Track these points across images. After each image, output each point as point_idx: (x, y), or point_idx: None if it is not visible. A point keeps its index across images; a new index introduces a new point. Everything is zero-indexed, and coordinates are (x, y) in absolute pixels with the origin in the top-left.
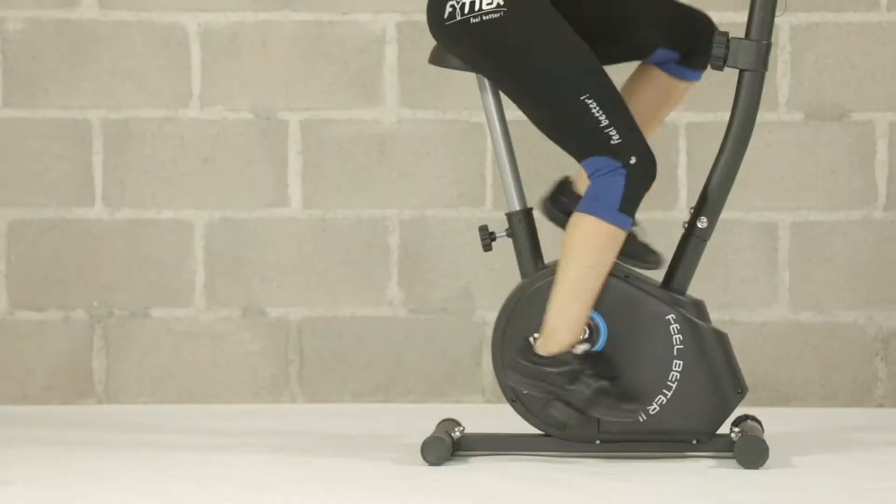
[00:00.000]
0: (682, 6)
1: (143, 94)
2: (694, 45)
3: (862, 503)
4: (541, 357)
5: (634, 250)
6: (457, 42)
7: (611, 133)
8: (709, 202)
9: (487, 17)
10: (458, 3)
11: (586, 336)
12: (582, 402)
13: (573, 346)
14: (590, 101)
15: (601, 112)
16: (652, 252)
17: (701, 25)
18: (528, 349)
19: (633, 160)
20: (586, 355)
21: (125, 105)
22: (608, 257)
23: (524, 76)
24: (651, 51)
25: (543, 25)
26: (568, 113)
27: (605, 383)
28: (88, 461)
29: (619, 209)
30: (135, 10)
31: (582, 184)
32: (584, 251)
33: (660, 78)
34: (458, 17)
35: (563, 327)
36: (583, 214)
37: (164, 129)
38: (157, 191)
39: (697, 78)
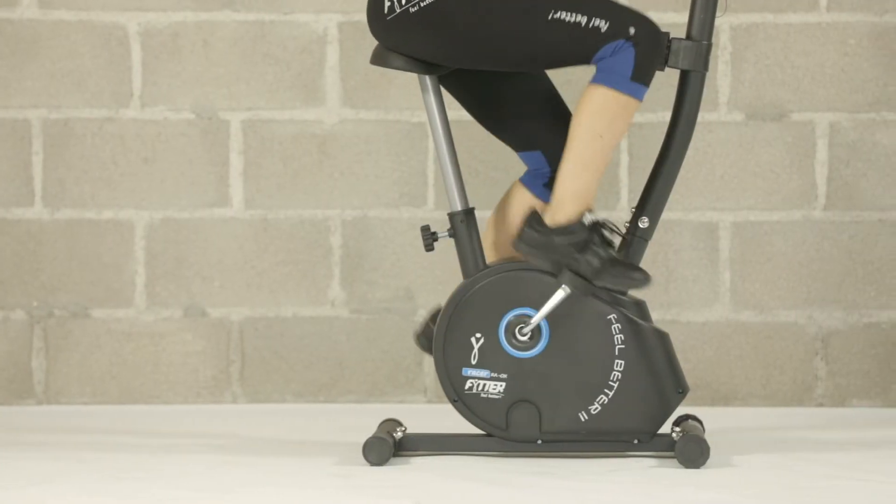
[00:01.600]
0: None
1: (84, 94)
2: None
3: (802, 502)
4: (549, 227)
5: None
6: (402, 36)
7: (596, 24)
8: (650, 202)
9: (425, 3)
10: None
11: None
12: (591, 271)
13: (582, 216)
14: (558, 14)
15: (574, 14)
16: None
17: None
18: (537, 219)
19: (631, 31)
20: (595, 225)
21: (65, 105)
22: (620, 127)
23: (487, 38)
24: (532, 147)
25: None
26: (548, 39)
27: (614, 252)
28: (28, 462)
29: (632, 78)
30: (75, 10)
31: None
32: (594, 121)
33: (526, 198)
34: (398, 10)
35: (572, 197)
36: (595, 85)
37: (105, 129)
38: (97, 191)
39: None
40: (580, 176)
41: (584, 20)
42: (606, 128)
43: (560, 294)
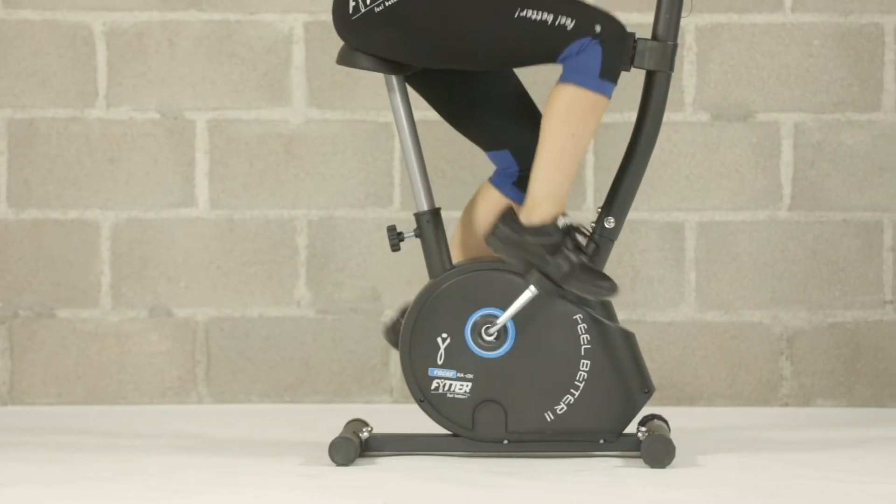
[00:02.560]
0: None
1: (49, 94)
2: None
3: (768, 501)
4: (523, 226)
5: None
6: (367, 36)
7: (562, 22)
8: (616, 202)
9: (390, 2)
10: None
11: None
12: (560, 275)
13: (556, 218)
14: (525, 12)
15: (540, 12)
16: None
17: None
18: (512, 217)
19: (597, 28)
20: (569, 228)
21: (30, 105)
22: (591, 126)
23: (453, 36)
24: (500, 146)
25: None
26: (514, 37)
27: (585, 259)
28: None
29: (600, 76)
30: (40, 10)
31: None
32: (566, 121)
33: (496, 197)
34: (363, 10)
35: (546, 198)
36: (564, 84)
37: (70, 128)
38: (62, 191)
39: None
40: (554, 176)
41: (550, 18)
42: (578, 127)
43: (527, 294)
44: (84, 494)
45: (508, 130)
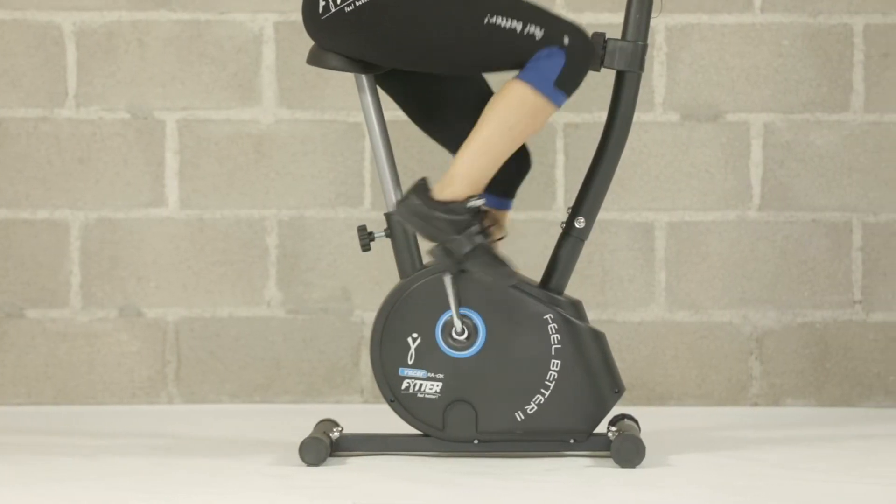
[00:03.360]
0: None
1: (18, 94)
2: (515, 172)
3: (738, 500)
4: (434, 200)
5: None
6: (337, 36)
7: (531, 31)
8: (586, 202)
9: (360, 2)
10: None
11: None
12: (461, 253)
13: (468, 199)
14: (494, 19)
15: (509, 20)
16: None
17: (525, 157)
18: (425, 189)
19: (566, 40)
20: (476, 210)
21: None
22: (531, 126)
23: (422, 39)
24: None
25: None
26: (483, 42)
27: (487, 241)
28: None
29: (555, 83)
30: (9, 10)
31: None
32: (508, 113)
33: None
34: (333, 10)
35: (464, 178)
36: (518, 81)
37: (40, 128)
38: (32, 191)
39: (506, 208)
40: (478, 160)
41: (519, 26)
42: (517, 122)
43: (448, 282)
44: (53, 495)
45: None
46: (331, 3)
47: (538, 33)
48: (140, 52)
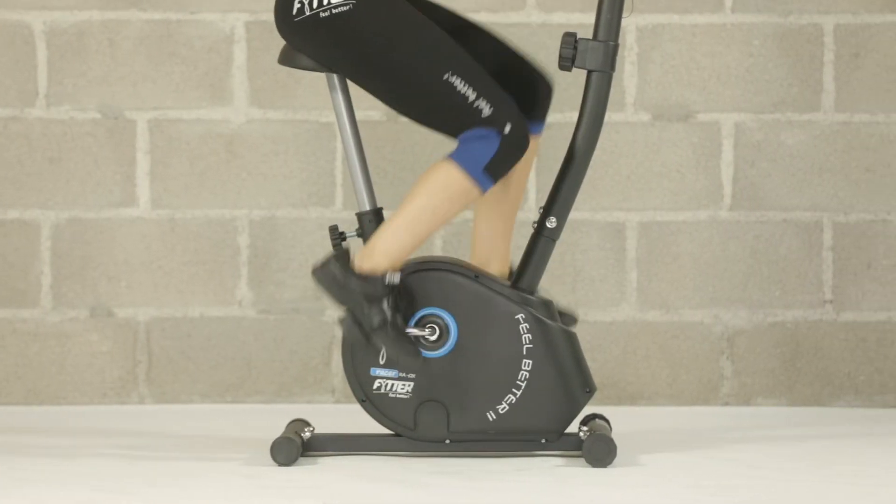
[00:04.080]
0: (525, 61)
1: None
2: (529, 96)
3: (709, 500)
4: (352, 270)
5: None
6: (307, 39)
7: (480, 105)
8: (558, 202)
9: (337, 11)
10: None
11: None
12: (370, 326)
13: (386, 274)
14: (453, 79)
15: (466, 86)
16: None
17: (538, 78)
18: (345, 257)
19: (507, 128)
20: (392, 286)
21: None
22: (455, 209)
23: (382, 66)
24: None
25: (394, 12)
26: (433, 95)
27: (399, 318)
28: None
29: (485, 168)
30: None
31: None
32: (434, 192)
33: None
34: (307, 13)
35: (384, 251)
36: (449, 161)
37: (10, 128)
38: (2, 191)
39: (538, 131)
40: (400, 237)
41: (472, 96)
42: (442, 204)
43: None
44: (23, 495)
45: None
46: (306, 6)
47: (486, 110)
48: (111, 52)
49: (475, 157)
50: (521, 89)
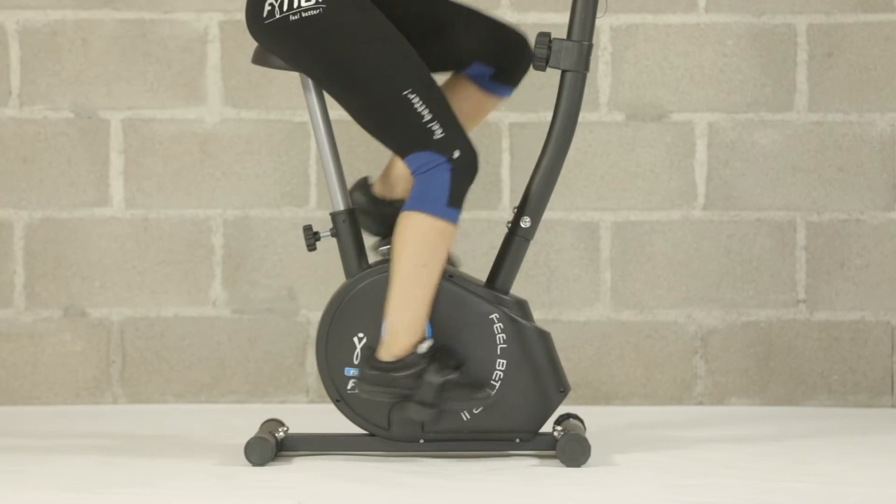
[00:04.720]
0: (501, 23)
1: None
2: (508, 63)
3: (683, 499)
4: (386, 363)
5: None
6: (276, 41)
7: (433, 128)
8: (532, 202)
9: (307, 14)
10: (276, 1)
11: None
12: (432, 397)
13: (416, 347)
14: (412, 96)
15: (424, 107)
16: None
17: (516, 43)
18: (372, 357)
19: (456, 154)
20: (431, 352)
21: None
22: (442, 253)
23: (345, 73)
24: (467, 64)
25: (363, 21)
26: (390, 108)
27: (451, 375)
28: None
29: (448, 204)
30: None
31: (380, 185)
32: (415, 249)
33: (472, 91)
34: (278, 16)
35: (403, 330)
36: (411, 213)
37: None
38: None
39: (508, 94)
40: (409, 308)
41: (427, 117)
42: (430, 256)
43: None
44: None
45: (470, 44)
46: (276, 9)
47: (438, 133)
48: (84, 52)
49: (434, 197)
50: (504, 53)
